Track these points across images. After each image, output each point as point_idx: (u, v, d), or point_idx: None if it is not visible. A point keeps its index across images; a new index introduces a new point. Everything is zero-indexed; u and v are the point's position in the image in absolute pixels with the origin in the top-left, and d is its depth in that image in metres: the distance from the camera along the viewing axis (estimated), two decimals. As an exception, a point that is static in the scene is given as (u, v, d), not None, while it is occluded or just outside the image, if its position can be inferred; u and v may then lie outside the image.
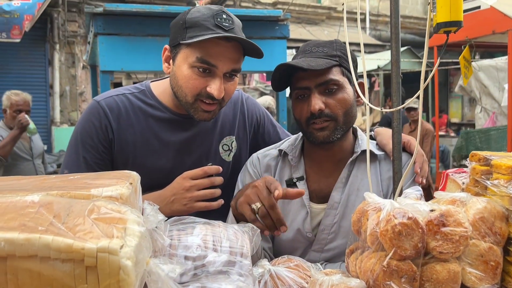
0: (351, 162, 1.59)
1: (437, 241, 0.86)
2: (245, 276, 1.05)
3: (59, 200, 0.87)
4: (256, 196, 1.33)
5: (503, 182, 0.95)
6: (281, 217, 1.30)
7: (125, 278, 0.77)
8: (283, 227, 1.30)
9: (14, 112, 4.51)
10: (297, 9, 13.89)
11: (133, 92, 1.67)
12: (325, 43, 1.57)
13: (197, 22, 1.47)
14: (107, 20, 3.53)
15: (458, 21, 1.28)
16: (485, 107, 7.23)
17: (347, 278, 0.90)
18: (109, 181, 1.00)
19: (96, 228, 0.79)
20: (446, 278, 0.86)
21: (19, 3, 8.56)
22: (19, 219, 0.79)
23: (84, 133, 1.61)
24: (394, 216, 0.85)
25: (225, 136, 1.75)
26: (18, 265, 0.75)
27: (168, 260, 0.90)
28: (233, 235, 1.11)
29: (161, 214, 1.03)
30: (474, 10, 5.32)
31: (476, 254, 0.90)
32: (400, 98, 1.56)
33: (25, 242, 0.74)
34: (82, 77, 11.70)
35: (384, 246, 0.86)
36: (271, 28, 3.87)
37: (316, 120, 1.49)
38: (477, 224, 0.91)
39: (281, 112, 4.09)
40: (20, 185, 1.01)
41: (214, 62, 1.47)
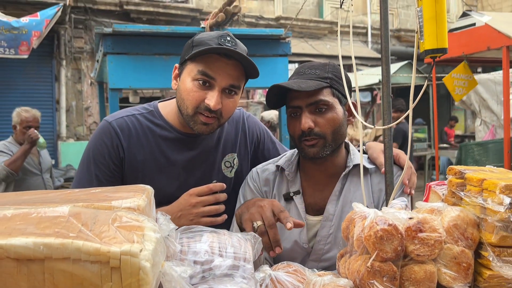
0: (344, 176, 1.70)
1: (415, 245, 0.99)
2: (247, 279, 1.18)
3: (86, 211, 1.00)
4: (259, 215, 1.45)
5: (474, 193, 1.08)
6: (278, 238, 1.41)
7: (144, 277, 0.90)
8: (278, 248, 1.41)
9: (24, 128, 4.62)
10: (299, 24, 14.08)
11: (142, 113, 1.77)
12: (318, 66, 1.68)
13: (202, 41, 1.60)
14: (116, 40, 3.68)
15: (443, 48, 1.40)
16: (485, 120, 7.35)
17: (337, 278, 1.02)
18: (127, 194, 1.13)
19: (119, 234, 0.93)
20: (423, 277, 0.98)
21: (27, 19, 8.70)
22: (53, 227, 0.92)
23: (96, 151, 1.70)
24: (376, 223, 0.97)
25: (227, 153, 1.86)
26: (54, 266, 0.87)
27: (180, 263, 1.03)
28: (237, 242, 1.24)
29: (172, 224, 1.16)
30: (470, 27, 5.48)
31: (450, 257, 1.02)
32: (391, 116, 1.68)
33: (60, 246, 0.87)
34: (88, 92, 11.87)
35: (368, 249, 0.98)
36: (274, 46, 4.02)
37: (306, 137, 1.60)
38: (451, 230, 1.04)
39: (284, 127, 4.23)
40: (48, 198, 1.15)
41: (213, 74, 1.57)
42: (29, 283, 0.87)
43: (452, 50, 5.64)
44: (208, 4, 12.78)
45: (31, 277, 0.87)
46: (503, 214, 1.00)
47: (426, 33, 1.34)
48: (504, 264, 1.01)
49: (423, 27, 1.33)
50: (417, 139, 10.40)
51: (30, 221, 0.93)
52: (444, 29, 1.33)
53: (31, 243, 0.86)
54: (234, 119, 1.92)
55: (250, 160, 1.95)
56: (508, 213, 1.00)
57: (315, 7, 15.05)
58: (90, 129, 11.70)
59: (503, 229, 1.01)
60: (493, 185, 1.03)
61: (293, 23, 13.29)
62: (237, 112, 1.96)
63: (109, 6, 11.92)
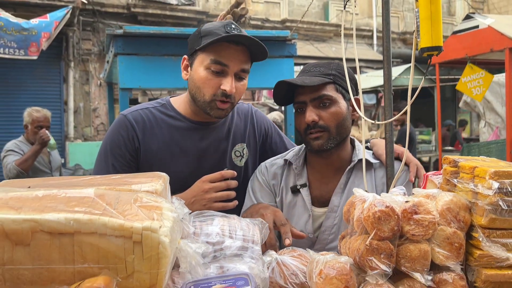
0: (349, 170, 1.78)
1: (410, 226, 1.07)
2: (255, 259, 1.27)
3: (109, 193, 1.10)
4: None
5: (466, 180, 1.17)
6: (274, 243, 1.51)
7: (163, 251, 0.99)
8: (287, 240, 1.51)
9: (35, 128, 4.70)
10: (305, 27, 14.16)
11: (155, 106, 1.89)
12: (322, 64, 1.78)
13: (210, 31, 1.71)
14: (126, 41, 3.78)
15: (438, 46, 1.49)
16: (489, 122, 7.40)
17: (338, 256, 1.11)
18: (145, 179, 1.23)
19: (140, 212, 1.02)
20: (418, 255, 1.07)
21: (37, 21, 8.81)
22: (81, 205, 1.02)
23: (113, 143, 1.81)
24: (375, 205, 1.06)
25: (237, 144, 1.96)
26: (83, 239, 0.97)
27: (195, 240, 1.12)
28: (245, 226, 1.33)
29: (186, 208, 1.25)
30: (473, 29, 5.56)
31: (443, 237, 1.10)
32: (391, 111, 1.77)
33: (88, 222, 0.97)
34: (96, 94, 11.99)
35: (367, 229, 1.07)
36: (280, 48, 4.12)
37: (311, 130, 1.69)
38: (444, 213, 1.12)
39: (289, 127, 4.31)
40: (73, 182, 1.25)
41: (226, 62, 1.69)
42: (60, 254, 0.97)
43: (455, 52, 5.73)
44: (215, 6, 12.91)
45: (62, 249, 0.97)
46: (492, 198, 1.09)
47: (422, 32, 1.42)
48: (493, 244, 1.10)
49: (419, 26, 1.42)
50: (422, 141, 10.45)
51: (59, 200, 1.03)
52: (439, 28, 1.41)
53: (63, 218, 0.96)
54: (243, 113, 2.02)
55: (258, 152, 2.04)
56: (496, 197, 1.08)
57: (321, 10, 15.13)
58: (97, 130, 11.82)
59: (492, 212, 1.10)
60: (484, 172, 1.12)
61: (299, 26, 13.38)
62: (246, 106, 2.08)
63: (116, 9, 12.06)
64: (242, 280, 1.14)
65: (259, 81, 4.12)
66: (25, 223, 0.94)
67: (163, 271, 1.00)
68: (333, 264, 1.07)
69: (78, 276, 0.97)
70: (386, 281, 1.05)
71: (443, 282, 1.09)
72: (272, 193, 1.86)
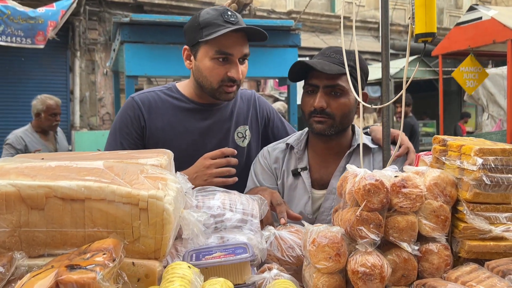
0: (348, 154, 1.85)
1: (399, 199, 1.14)
2: (254, 231, 1.35)
3: (117, 165, 1.17)
4: None
5: (453, 157, 1.24)
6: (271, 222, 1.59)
7: (167, 217, 1.07)
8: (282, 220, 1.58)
9: (49, 115, 4.75)
10: (311, 18, 14.14)
11: (162, 90, 2.01)
12: (345, 52, 1.77)
13: (209, 22, 1.80)
14: (133, 29, 3.84)
15: (432, 32, 1.55)
16: (492, 114, 7.42)
17: (331, 226, 1.18)
18: (151, 154, 1.31)
19: (146, 182, 1.10)
20: (405, 226, 1.14)
21: (43, 9, 8.82)
22: (91, 175, 1.10)
23: (121, 123, 1.92)
24: (365, 179, 1.13)
25: (240, 125, 2.05)
26: (93, 205, 1.05)
27: (197, 209, 1.20)
28: (245, 200, 1.41)
29: (189, 183, 1.33)
30: (476, 21, 5.58)
31: (429, 210, 1.17)
32: (389, 96, 1.83)
33: (98, 189, 1.05)
34: (101, 83, 12.05)
35: (358, 202, 1.14)
36: (284, 37, 4.16)
37: (317, 115, 1.75)
38: (431, 187, 1.19)
39: (292, 116, 4.37)
40: (83, 157, 1.32)
41: (230, 51, 1.80)
42: (72, 218, 1.05)
43: (458, 43, 5.75)
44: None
45: (74, 214, 1.05)
46: (476, 174, 1.15)
47: (417, 18, 1.49)
48: (476, 217, 1.17)
49: (414, 14, 1.48)
50: (426, 133, 10.47)
51: (71, 170, 1.11)
52: (433, 15, 1.47)
53: (75, 185, 1.04)
54: (246, 97, 2.11)
55: (261, 136, 2.12)
56: (480, 173, 1.15)
57: (327, 2, 15.09)
58: (103, 119, 11.90)
59: (477, 186, 1.17)
60: (469, 149, 1.18)
61: (305, 17, 13.36)
62: (249, 92, 2.17)
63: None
64: (241, 248, 1.22)
65: (263, 71, 4.18)
66: (40, 188, 1.02)
67: (167, 236, 1.08)
68: (325, 233, 1.15)
69: (88, 239, 1.05)
70: (375, 249, 1.12)
71: (429, 252, 1.16)
72: (274, 176, 1.92)
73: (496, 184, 1.16)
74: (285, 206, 1.62)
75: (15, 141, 4.64)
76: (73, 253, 0.97)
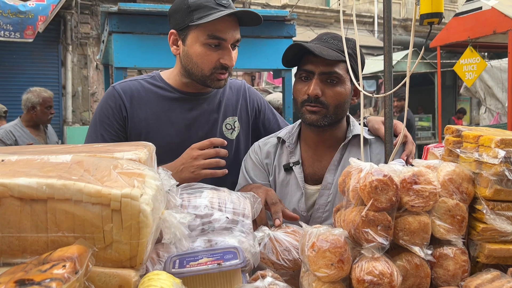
0: (343, 146, 1.72)
1: (410, 196, 1.00)
2: (246, 233, 1.20)
3: (88, 159, 1.02)
4: None
5: (470, 149, 1.09)
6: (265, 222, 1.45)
7: (144, 220, 0.92)
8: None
9: (45, 108, 4.62)
10: (305, 12, 14.03)
11: (145, 78, 1.88)
12: (341, 39, 1.67)
13: (200, 4, 1.67)
14: (121, 19, 3.68)
15: (439, 13, 1.41)
16: (490, 108, 7.32)
17: (332, 228, 1.04)
18: (129, 147, 1.16)
19: (120, 179, 0.95)
20: (417, 228, 1.00)
21: (33, 4, 8.72)
22: (56, 171, 0.95)
23: (101, 113, 1.79)
24: (372, 174, 0.99)
25: (228, 116, 1.91)
26: (56, 206, 0.90)
27: (180, 210, 1.05)
28: (236, 199, 1.26)
29: (173, 179, 1.19)
30: (476, 11, 5.44)
31: (444, 209, 1.03)
32: (392, 85, 1.69)
33: (62, 187, 0.90)
34: (94, 78, 11.90)
35: (363, 200, 1.00)
36: (278, 28, 4.02)
37: (310, 103, 1.61)
38: (446, 184, 1.05)
39: (287, 109, 4.24)
40: (52, 150, 1.17)
41: (223, 36, 1.68)
42: (32, 222, 0.90)
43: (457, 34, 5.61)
44: (214, -10, 12.74)
45: (34, 216, 0.90)
46: (498, 168, 1.01)
47: None
48: (497, 217, 1.03)
49: None
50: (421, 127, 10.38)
51: (34, 165, 0.96)
52: (439, -6, 1.33)
53: (35, 183, 0.89)
54: (235, 87, 1.98)
55: (251, 127, 1.99)
56: (502, 166, 1.01)
57: (322, -4, 14.98)
58: (93, 117, 11.74)
59: (498, 182, 1.03)
60: (489, 140, 1.04)
61: (300, 11, 13.23)
62: (239, 82, 2.04)
63: (115, -8, 11.90)
64: (231, 253, 1.08)
65: (257, 62, 4.04)
66: (-7, 187, 0.87)
67: (144, 241, 0.93)
68: (326, 236, 1.00)
69: (52, 245, 0.90)
70: (383, 254, 0.98)
71: (443, 257, 1.03)
72: (266, 172, 1.80)
73: (520, 180, 1.02)
74: (281, 205, 1.47)
75: (5, 136, 4.51)
76: (32, 263, 0.82)
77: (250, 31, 3.74)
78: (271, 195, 1.53)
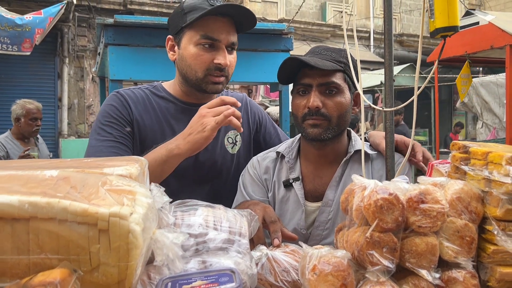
0: (344, 162, 1.66)
1: (417, 216, 0.95)
2: (243, 253, 1.14)
3: (75, 175, 0.96)
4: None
5: (479, 167, 1.04)
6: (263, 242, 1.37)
7: (134, 241, 0.86)
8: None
9: (29, 120, 4.56)
10: (302, 27, 14.10)
11: (147, 88, 1.84)
12: (334, 49, 1.66)
13: (194, 6, 1.65)
14: (117, 31, 3.66)
15: (455, 26, 1.35)
16: (486, 123, 7.31)
17: (334, 250, 0.98)
18: (120, 163, 1.10)
19: (108, 196, 0.89)
20: (425, 250, 0.94)
21: (31, 17, 8.73)
22: (40, 188, 0.89)
23: (105, 114, 1.69)
24: (376, 192, 0.93)
25: (230, 130, 1.87)
26: (39, 226, 0.84)
27: (172, 229, 0.99)
28: (232, 217, 1.20)
29: (166, 196, 1.12)
30: (473, 26, 5.45)
31: (453, 230, 0.98)
32: (393, 100, 1.65)
33: (46, 205, 0.84)
34: (90, 90, 11.88)
35: (368, 220, 0.94)
36: (275, 41, 4.00)
37: (311, 116, 1.57)
38: (454, 203, 1.00)
39: (284, 123, 4.20)
40: (38, 165, 1.11)
41: (216, 36, 1.65)
42: (13, 243, 0.83)
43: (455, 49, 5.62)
44: (212, 4, 12.80)
45: (15, 237, 0.83)
46: (509, 186, 0.96)
47: (437, 10, 1.29)
48: (509, 238, 0.97)
49: (433, 5, 1.29)
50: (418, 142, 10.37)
51: (16, 181, 0.90)
52: (456, 6, 1.29)
53: (16, 200, 0.83)
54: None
55: (252, 142, 1.95)
56: (514, 185, 0.96)
57: (318, 11, 15.07)
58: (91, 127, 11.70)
59: (509, 202, 0.97)
60: (499, 157, 0.99)
61: (296, 26, 13.29)
62: (240, 95, 2.01)
63: (112, 5, 11.95)
64: (226, 276, 1.02)
65: (254, 76, 4.01)
66: (-29, 205, 0.81)
67: (133, 264, 0.87)
68: (328, 259, 0.94)
69: (34, 268, 0.84)
70: (389, 278, 0.92)
71: (452, 281, 0.97)
72: (264, 188, 1.74)
73: (533, 199, 0.97)
74: (279, 225, 1.41)
75: None
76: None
77: (247, 45, 3.72)
78: (269, 213, 1.46)
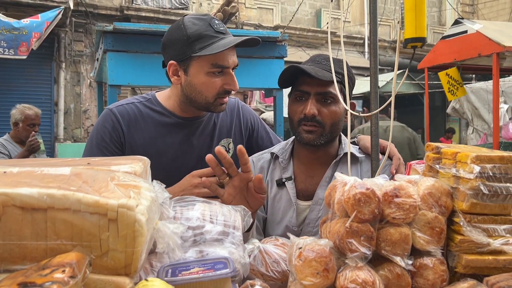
0: (334, 163, 1.78)
1: (391, 209, 1.06)
2: (236, 244, 1.25)
3: (86, 171, 1.07)
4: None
5: (448, 165, 1.16)
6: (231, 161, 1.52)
7: (139, 229, 0.97)
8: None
9: (27, 125, 4.60)
10: (297, 33, 14.24)
11: (141, 101, 1.89)
12: (334, 60, 1.73)
13: (200, 34, 1.70)
14: (116, 38, 3.76)
15: (422, 37, 1.49)
16: (477, 128, 7.46)
17: (318, 239, 1.09)
18: (125, 161, 1.21)
19: (117, 190, 1.00)
20: (399, 239, 1.06)
21: (28, 21, 8.77)
22: (56, 182, 1.00)
23: (98, 136, 1.81)
24: (355, 187, 1.05)
25: (223, 138, 1.96)
26: (56, 215, 0.95)
27: (173, 221, 1.10)
28: (227, 211, 1.31)
29: (166, 192, 1.24)
30: (462, 35, 5.61)
31: (424, 222, 1.09)
32: (378, 104, 1.76)
33: (62, 197, 0.95)
34: (87, 95, 11.93)
35: (347, 212, 1.05)
36: (270, 48, 4.12)
37: (307, 122, 1.68)
38: (425, 197, 1.11)
39: (278, 127, 4.31)
40: (51, 163, 1.22)
41: (226, 64, 1.73)
42: (32, 230, 0.94)
43: (444, 56, 5.78)
44: (208, 11, 12.92)
45: (35, 225, 0.94)
46: (473, 182, 1.08)
47: (406, 23, 1.43)
48: (473, 229, 1.09)
49: (404, 18, 1.42)
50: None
51: (34, 177, 1.01)
52: (423, 19, 1.42)
53: (36, 193, 0.93)
54: (229, 107, 2.02)
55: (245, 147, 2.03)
56: (478, 181, 1.08)
57: (313, 17, 15.23)
58: (87, 131, 11.75)
59: (473, 196, 1.09)
60: (465, 157, 1.11)
61: (291, 32, 13.43)
62: (232, 101, 2.08)
63: (109, 11, 12.05)
64: (221, 264, 1.12)
65: (249, 82, 4.12)
66: (-4, 197, 0.92)
67: (138, 250, 0.98)
68: (312, 246, 1.06)
69: (51, 253, 0.94)
70: (366, 264, 1.03)
71: (423, 267, 1.08)
72: None
73: (494, 194, 1.09)
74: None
75: (1, 147, 4.53)
76: (31, 269, 0.86)
77: (242, 52, 3.82)
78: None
